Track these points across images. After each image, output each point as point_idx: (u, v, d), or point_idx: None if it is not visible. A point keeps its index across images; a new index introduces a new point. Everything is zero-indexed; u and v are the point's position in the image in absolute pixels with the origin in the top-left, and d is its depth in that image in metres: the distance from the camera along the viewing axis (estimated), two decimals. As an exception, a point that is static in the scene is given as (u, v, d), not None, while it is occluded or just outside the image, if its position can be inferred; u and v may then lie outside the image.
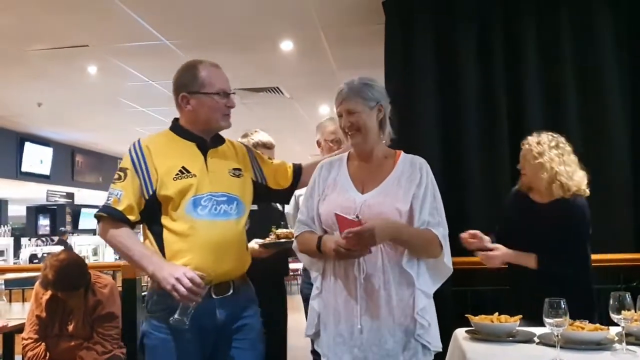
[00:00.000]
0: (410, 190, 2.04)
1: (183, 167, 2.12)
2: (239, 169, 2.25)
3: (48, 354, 3.18)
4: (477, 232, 2.75)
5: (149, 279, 2.23)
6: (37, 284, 3.27)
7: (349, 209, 2.00)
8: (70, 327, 3.18)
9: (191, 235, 2.06)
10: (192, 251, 2.06)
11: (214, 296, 2.09)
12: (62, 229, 12.98)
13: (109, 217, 2.09)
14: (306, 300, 2.93)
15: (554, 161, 2.71)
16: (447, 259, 2.06)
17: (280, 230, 2.92)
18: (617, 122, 3.52)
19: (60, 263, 3.07)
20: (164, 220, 2.10)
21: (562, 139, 2.82)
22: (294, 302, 3.77)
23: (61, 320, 3.20)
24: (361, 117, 2.08)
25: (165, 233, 2.10)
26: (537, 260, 2.67)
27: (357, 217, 1.94)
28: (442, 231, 2.03)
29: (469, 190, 3.52)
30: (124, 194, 2.09)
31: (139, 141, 2.21)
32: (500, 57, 3.63)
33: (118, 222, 2.09)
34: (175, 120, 2.28)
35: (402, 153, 2.18)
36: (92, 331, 3.16)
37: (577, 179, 2.72)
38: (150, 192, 2.10)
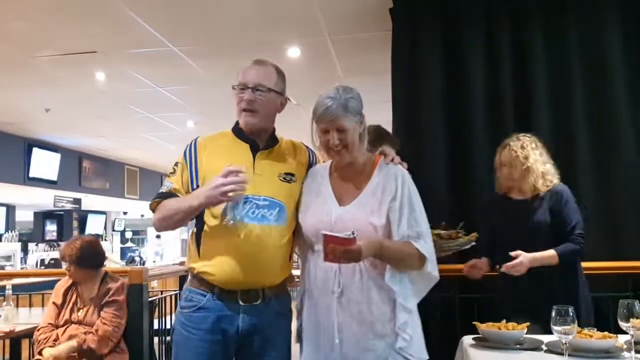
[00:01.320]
0: (385, 202, 2.01)
1: None
2: (292, 174, 2.18)
3: (58, 339, 3.33)
4: (475, 261, 2.93)
5: (155, 285, 2.24)
6: (60, 280, 3.57)
7: (325, 222, 1.99)
8: (80, 314, 3.40)
9: (223, 236, 2.06)
10: (221, 252, 2.06)
11: (240, 302, 2.07)
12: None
13: (164, 199, 2.13)
14: None
15: (538, 161, 2.90)
16: (432, 268, 2.02)
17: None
18: (626, 128, 3.50)
19: (79, 240, 3.47)
20: (205, 216, 2.11)
21: (535, 138, 3.00)
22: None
23: (72, 307, 3.43)
24: (350, 134, 2.03)
25: (204, 230, 2.12)
26: (557, 254, 2.75)
27: (353, 233, 1.85)
28: (422, 244, 1.99)
29: (476, 195, 3.51)
30: (174, 186, 2.15)
31: (196, 138, 2.24)
32: (508, 62, 3.63)
33: None
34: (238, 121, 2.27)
35: (381, 160, 2.13)
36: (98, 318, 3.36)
37: (556, 174, 2.94)
38: (195, 186, 2.12)
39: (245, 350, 2.11)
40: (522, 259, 2.71)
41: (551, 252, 2.74)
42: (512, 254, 2.73)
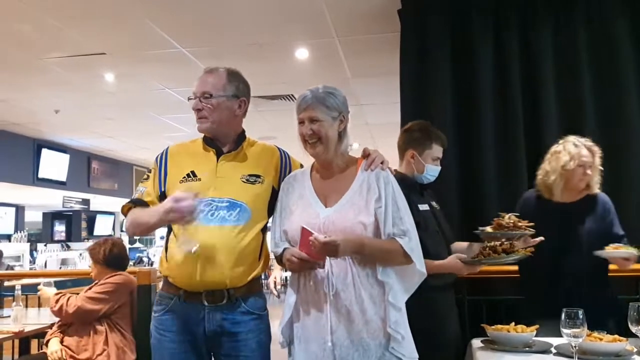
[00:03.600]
0: (371, 201, 2.02)
1: (192, 172, 2.19)
2: (257, 175, 2.22)
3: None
4: None
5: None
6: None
7: (313, 225, 1.99)
8: None
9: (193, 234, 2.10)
10: (182, 255, 2.10)
11: (205, 303, 2.10)
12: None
13: (135, 206, 2.23)
14: None
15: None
16: (420, 264, 2.02)
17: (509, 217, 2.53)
18: (637, 126, 3.48)
19: (109, 241, 3.63)
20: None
21: None
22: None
23: None
24: (323, 126, 2.05)
25: (171, 234, 2.20)
26: None
27: (325, 237, 1.89)
28: (407, 241, 1.99)
29: (486, 193, 3.49)
30: (146, 191, 2.23)
31: (168, 147, 2.34)
32: (517, 63, 3.61)
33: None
34: None
35: (364, 161, 2.14)
36: None
37: None
38: (161, 190, 2.21)
39: (217, 350, 2.15)
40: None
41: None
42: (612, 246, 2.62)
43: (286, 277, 9.40)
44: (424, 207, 2.63)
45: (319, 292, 2.00)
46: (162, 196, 2.18)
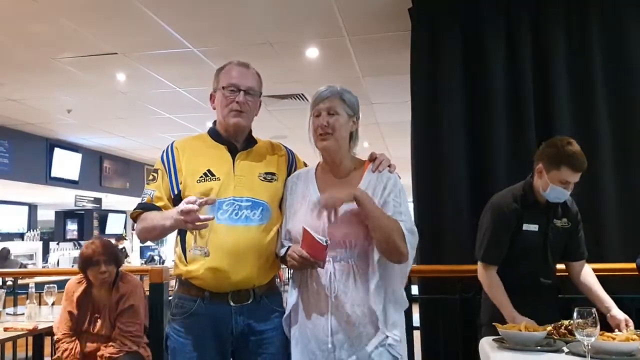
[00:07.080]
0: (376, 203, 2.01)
1: (208, 170, 2.12)
2: (272, 173, 2.19)
3: (80, 350, 3.34)
4: None
5: (175, 284, 2.26)
6: (69, 282, 3.53)
7: (317, 226, 1.99)
8: (98, 325, 3.38)
9: (208, 239, 2.05)
10: (195, 257, 2.06)
11: (231, 303, 2.08)
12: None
13: (145, 211, 2.13)
14: None
15: None
16: (412, 255, 2.01)
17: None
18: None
19: (98, 240, 3.52)
20: None
21: None
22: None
23: (90, 317, 3.40)
24: (339, 121, 2.06)
25: (188, 235, 2.11)
26: None
27: (327, 242, 1.91)
28: (404, 225, 1.97)
29: (496, 192, 3.48)
30: (156, 194, 2.14)
31: (172, 143, 2.25)
32: (529, 60, 3.59)
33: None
34: (214, 122, 2.28)
35: (371, 164, 2.13)
36: (114, 328, 3.33)
37: None
38: (176, 192, 2.13)
39: (242, 350, 2.12)
40: None
41: None
42: None
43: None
44: (530, 227, 2.62)
45: (320, 293, 2.01)
46: (177, 198, 2.09)
